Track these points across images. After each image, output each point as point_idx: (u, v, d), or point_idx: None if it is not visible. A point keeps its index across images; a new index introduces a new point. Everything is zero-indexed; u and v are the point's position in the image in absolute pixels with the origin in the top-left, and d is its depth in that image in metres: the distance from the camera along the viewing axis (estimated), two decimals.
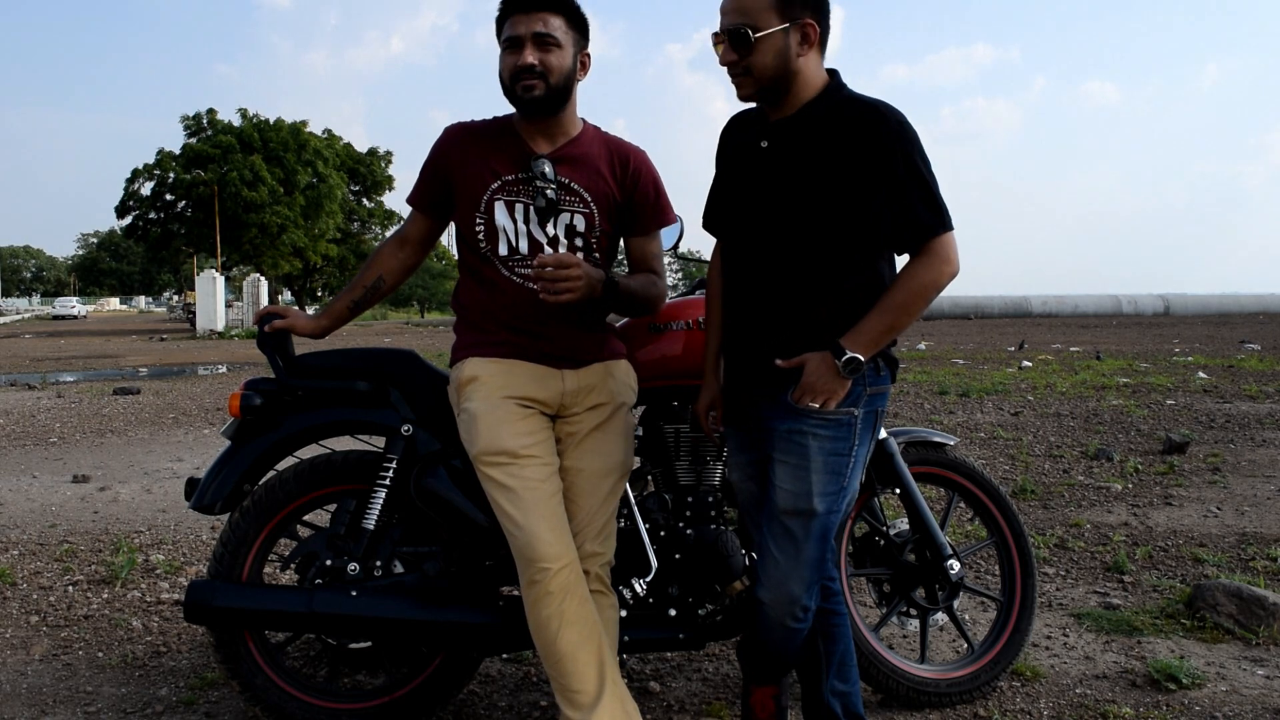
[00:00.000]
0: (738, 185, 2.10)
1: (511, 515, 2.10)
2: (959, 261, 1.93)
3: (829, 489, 1.98)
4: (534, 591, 2.09)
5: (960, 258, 1.93)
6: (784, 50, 1.93)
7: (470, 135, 2.30)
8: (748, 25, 1.92)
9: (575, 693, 2.08)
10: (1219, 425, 7.49)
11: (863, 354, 1.90)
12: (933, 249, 1.90)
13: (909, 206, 1.89)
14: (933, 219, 1.90)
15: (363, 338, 25.68)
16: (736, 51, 1.94)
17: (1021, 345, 17.95)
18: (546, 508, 2.12)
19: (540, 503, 2.11)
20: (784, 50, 1.93)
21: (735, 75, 1.98)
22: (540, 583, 2.08)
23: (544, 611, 2.08)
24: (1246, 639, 3.05)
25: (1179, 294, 42.75)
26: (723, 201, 2.16)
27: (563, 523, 2.14)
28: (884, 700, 2.60)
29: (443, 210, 2.35)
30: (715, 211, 2.18)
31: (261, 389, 2.38)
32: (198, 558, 4.06)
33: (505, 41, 2.19)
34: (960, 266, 1.93)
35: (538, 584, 2.08)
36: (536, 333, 2.22)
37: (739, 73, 1.97)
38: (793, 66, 1.95)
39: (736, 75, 1.98)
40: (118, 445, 7.11)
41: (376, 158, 45.55)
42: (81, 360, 17.56)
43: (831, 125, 1.94)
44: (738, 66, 1.96)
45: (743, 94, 2.00)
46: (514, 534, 2.10)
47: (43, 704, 2.64)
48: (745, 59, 1.94)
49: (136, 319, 57.72)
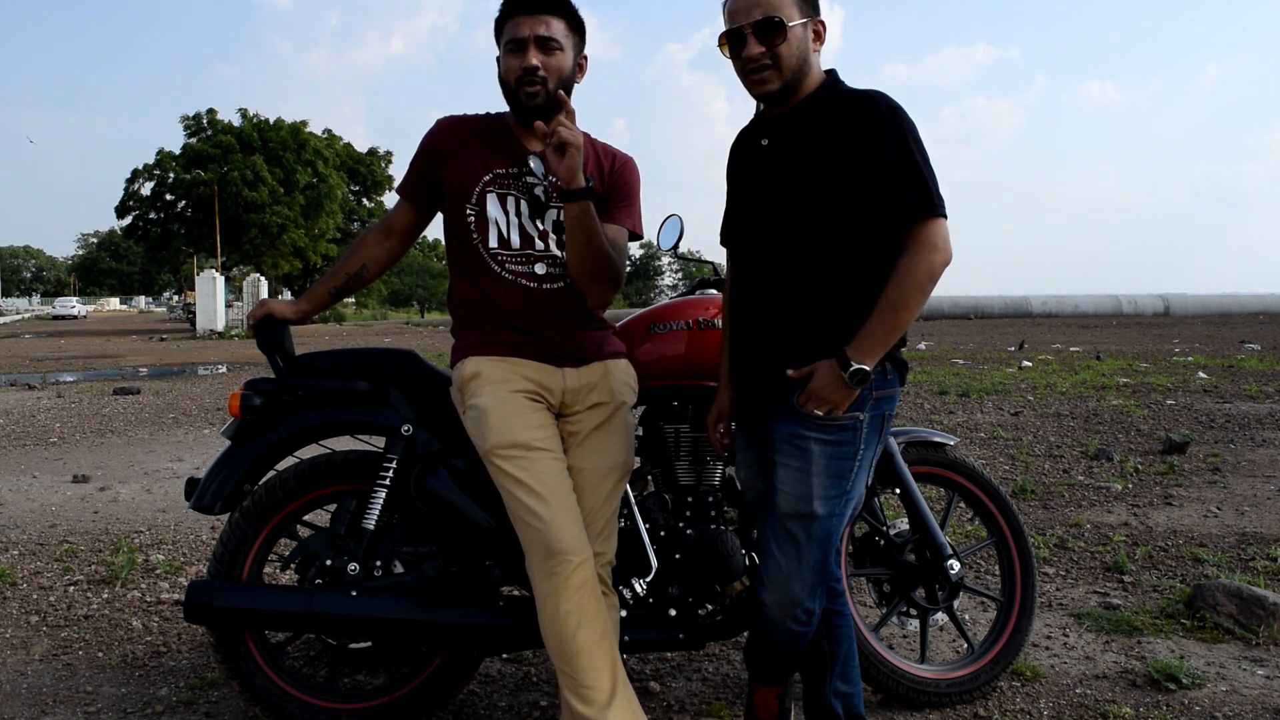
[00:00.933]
0: (744, 188, 2.11)
1: (532, 507, 2.07)
2: (951, 249, 1.90)
3: (831, 492, 1.97)
4: (553, 584, 2.06)
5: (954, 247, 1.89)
6: (805, 44, 1.97)
7: (463, 127, 2.29)
8: (779, 15, 1.92)
9: (589, 689, 2.05)
10: (1219, 425, 7.49)
11: (868, 363, 1.89)
12: (921, 237, 1.88)
13: (898, 190, 1.88)
14: (921, 202, 1.88)
15: (363, 338, 25.69)
16: (765, 43, 1.94)
17: (1021, 345, 17.95)
18: (568, 500, 2.11)
19: (562, 494, 2.10)
20: (805, 44, 1.97)
21: (760, 69, 1.96)
22: (561, 575, 2.05)
23: (563, 606, 2.05)
24: (1246, 639, 3.05)
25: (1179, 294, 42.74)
26: (733, 212, 2.16)
27: (580, 516, 2.12)
28: (884, 700, 2.60)
29: (431, 201, 2.34)
30: (727, 224, 2.19)
31: (261, 389, 2.38)
32: (198, 558, 4.06)
33: (507, 43, 2.18)
34: (953, 255, 1.90)
35: (558, 576, 2.05)
36: (534, 331, 2.22)
37: (766, 65, 1.95)
38: (810, 61, 1.99)
39: (762, 69, 1.96)
40: (118, 445, 7.11)
41: (376, 158, 45.59)
42: (81, 360, 17.57)
43: (828, 116, 1.95)
44: (765, 58, 1.95)
45: (766, 90, 1.98)
46: (535, 526, 2.07)
47: (43, 704, 2.64)
48: (774, 50, 1.94)
49: (136, 319, 57.72)
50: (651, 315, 2.51)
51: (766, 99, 2.01)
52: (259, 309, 2.41)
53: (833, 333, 1.96)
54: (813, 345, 1.97)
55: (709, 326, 2.45)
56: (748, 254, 2.10)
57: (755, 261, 2.07)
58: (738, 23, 1.96)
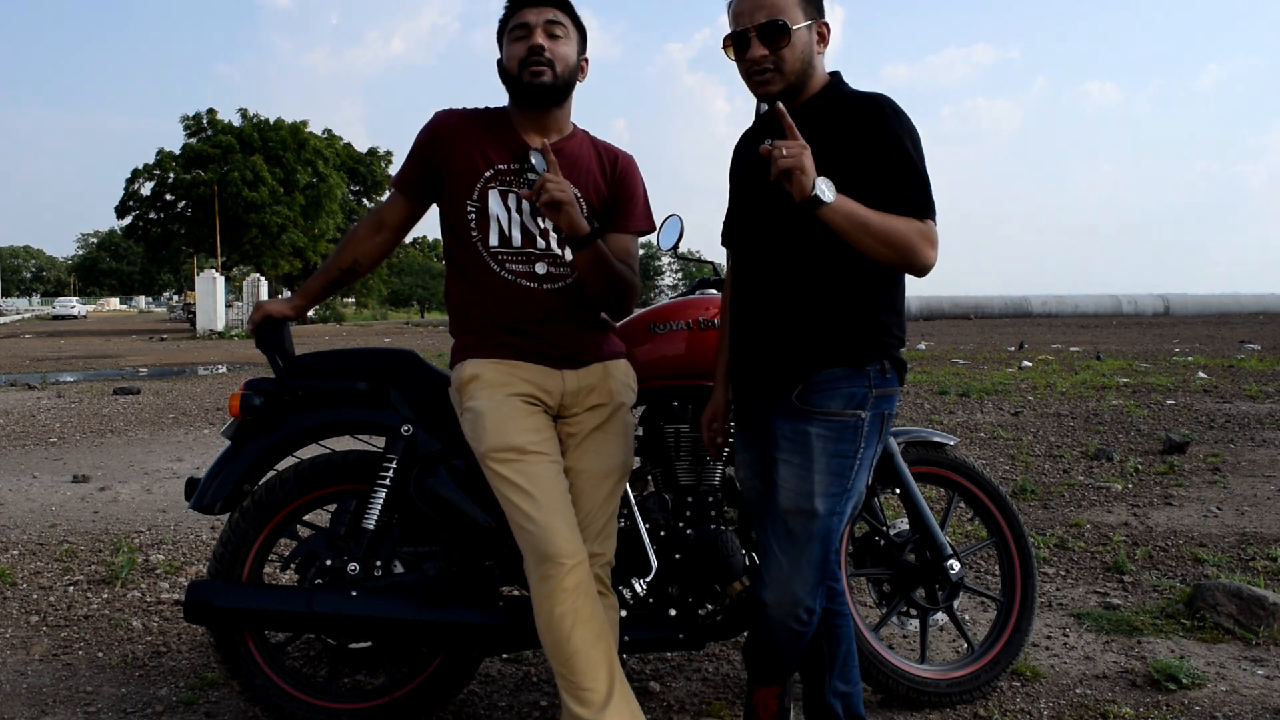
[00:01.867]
0: (747, 189, 2.11)
1: (526, 511, 2.08)
2: (936, 256, 1.90)
3: (831, 490, 1.98)
4: (547, 587, 2.06)
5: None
6: (809, 46, 1.98)
7: (463, 121, 2.27)
8: (783, 18, 1.94)
9: (586, 691, 2.06)
10: (1219, 425, 7.49)
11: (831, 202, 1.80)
12: (922, 227, 1.88)
13: (899, 189, 1.89)
14: (919, 200, 1.89)
15: (363, 338, 25.69)
16: (768, 46, 1.95)
17: (1021, 345, 17.95)
18: (562, 503, 2.11)
19: (555, 498, 2.10)
20: (809, 46, 1.98)
21: (764, 72, 1.97)
22: (555, 578, 2.05)
23: (558, 609, 2.06)
24: (1246, 639, 3.05)
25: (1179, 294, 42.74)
26: (735, 212, 2.17)
27: (574, 519, 2.13)
28: (884, 700, 2.60)
29: (427, 195, 2.32)
30: (729, 225, 2.19)
31: (261, 389, 2.38)
32: (198, 558, 4.06)
33: (513, 30, 2.18)
34: (935, 262, 1.90)
35: (552, 579, 2.06)
36: (533, 333, 2.22)
37: (769, 67, 1.96)
38: (814, 64, 2.00)
39: (766, 71, 1.97)
40: (118, 445, 7.11)
41: (376, 158, 45.56)
42: (81, 360, 17.56)
43: (832, 118, 1.96)
44: (769, 60, 1.96)
45: (769, 91, 1.98)
46: (529, 530, 2.07)
47: (43, 704, 2.64)
48: (778, 52, 1.95)
49: (137, 319, 57.73)
50: (651, 315, 2.51)
51: (770, 100, 2.02)
52: (257, 313, 2.40)
53: (833, 332, 1.96)
54: (813, 345, 1.97)
55: (709, 326, 2.45)
56: (749, 254, 2.10)
57: (757, 262, 2.07)
58: (742, 25, 1.97)
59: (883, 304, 2.01)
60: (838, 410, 1.97)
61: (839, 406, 1.97)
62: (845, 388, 1.98)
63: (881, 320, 2.00)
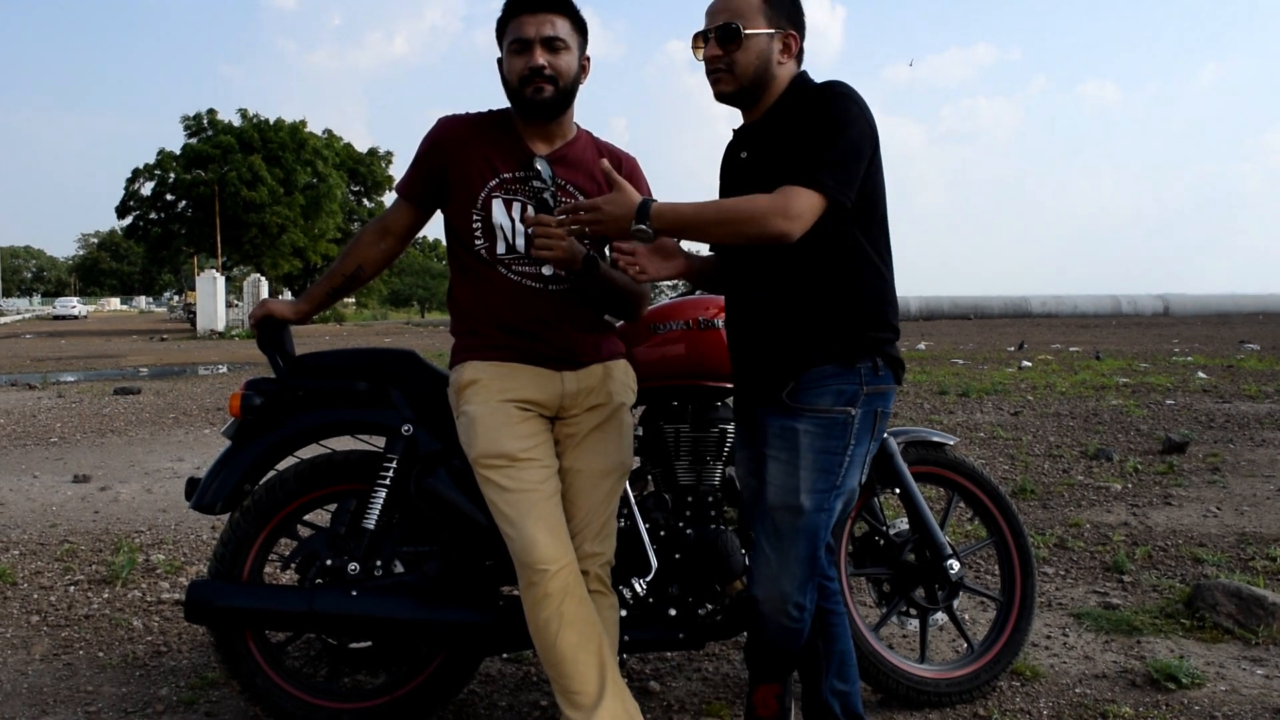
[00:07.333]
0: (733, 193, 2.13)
1: (508, 518, 2.10)
2: (798, 229, 1.85)
3: (818, 486, 1.98)
4: (532, 594, 2.09)
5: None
6: (766, 54, 2.02)
7: (467, 128, 2.27)
8: (738, 22, 1.99)
9: (576, 693, 2.08)
10: (1219, 425, 7.49)
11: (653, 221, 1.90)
12: (788, 195, 1.86)
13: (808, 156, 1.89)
14: (812, 170, 1.87)
15: (363, 338, 25.69)
16: (722, 47, 2.01)
17: (1021, 345, 17.95)
18: (543, 510, 2.11)
19: (536, 505, 2.11)
20: (766, 54, 2.02)
21: (717, 71, 2.04)
22: (538, 585, 2.07)
23: (543, 614, 2.08)
24: (1246, 639, 3.05)
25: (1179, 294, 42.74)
26: None
27: (560, 525, 2.13)
28: (884, 700, 2.60)
29: (432, 202, 2.33)
30: None
31: (262, 389, 2.38)
32: (198, 557, 4.07)
33: (512, 43, 2.17)
34: (795, 236, 1.85)
35: (535, 586, 2.08)
36: (534, 334, 2.22)
37: (721, 68, 2.03)
38: (772, 72, 2.03)
39: (718, 71, 2.04)
40: (118, 445, 7.12)
41: (376, 158, 45.59)
42: (82, 360, 17.56)
43: (792, 113, 1.99)
44: (721, 62, 2.02)
45: (720, 90, 2.06)
46: (511, 537, 2.10)
47: (43, 704, 2.64)
48: (730, 54, 2.01)
49: (137, 319, 57.71)
50: (651, 315, 2.50)
51: (724, 100, 2.09)
52: (259, 309, 2.41)
53: (821, 331, 2.00)
54: (801, 343, 2.00)
55: (709, 326, 2.45)
56: (735, 260, 2.13)
57: (744, 264, 2.09)
58: (706, 25, 2.05)
59: (871, 301, 2.02)
60: (826, 408, 1.98)
61: (829, 404, 1.98)
62: (835, 385, 1.99)
63: (871, 317, 2.02)
